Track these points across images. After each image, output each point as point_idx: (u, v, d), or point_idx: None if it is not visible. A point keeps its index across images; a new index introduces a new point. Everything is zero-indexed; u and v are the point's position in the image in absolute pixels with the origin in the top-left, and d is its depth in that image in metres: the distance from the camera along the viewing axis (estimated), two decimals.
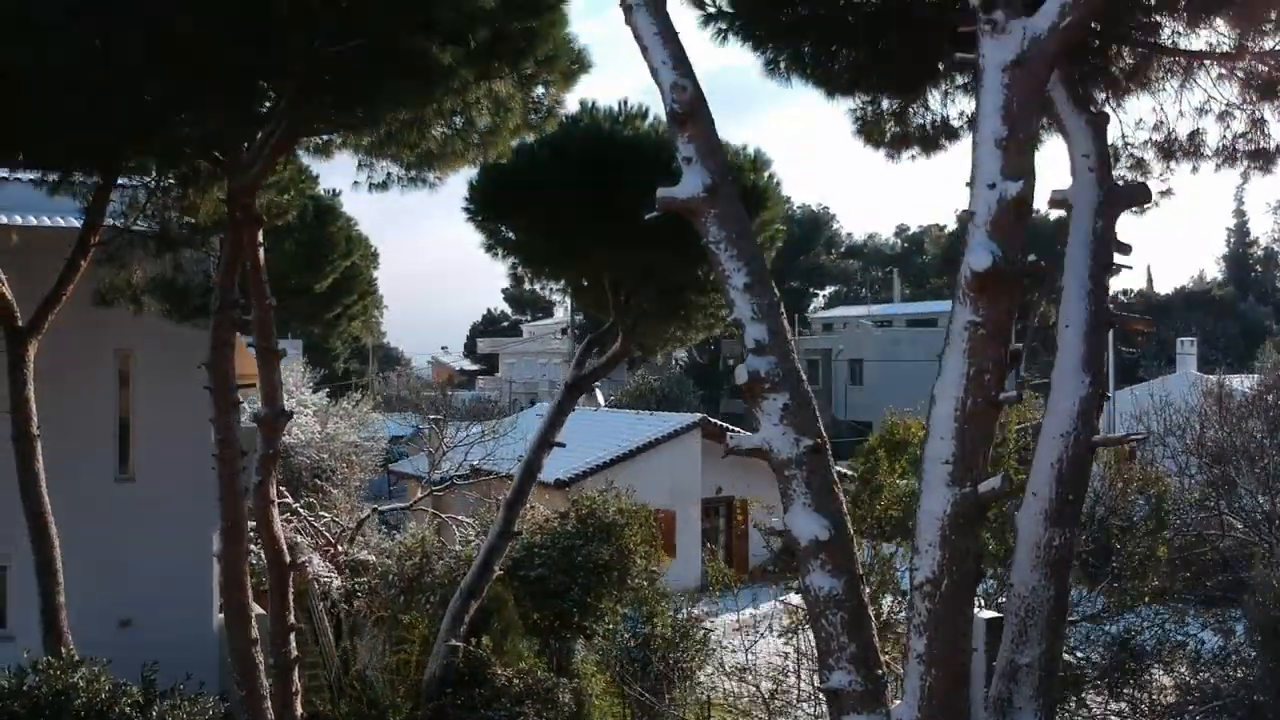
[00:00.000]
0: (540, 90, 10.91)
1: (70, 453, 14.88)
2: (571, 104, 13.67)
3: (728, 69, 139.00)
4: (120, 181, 13.00)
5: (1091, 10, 5.32)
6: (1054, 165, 15.14)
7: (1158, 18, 8.67)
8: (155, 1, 8.34)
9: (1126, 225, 8.34)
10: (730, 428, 31.15)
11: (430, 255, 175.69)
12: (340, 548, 21.95)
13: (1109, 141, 7.88)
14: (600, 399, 42.35)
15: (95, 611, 14.88)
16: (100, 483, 15.89)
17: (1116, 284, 8.99)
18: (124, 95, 8.87)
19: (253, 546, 13.76)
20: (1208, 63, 8.22)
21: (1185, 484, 16.96)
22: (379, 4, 8.56)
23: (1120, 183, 7.41)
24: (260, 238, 10.26)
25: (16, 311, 13.17)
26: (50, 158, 11.40)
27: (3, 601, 15.43)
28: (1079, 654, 13.05)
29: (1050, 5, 5.29)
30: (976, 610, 6.77)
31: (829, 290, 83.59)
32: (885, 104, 10.26)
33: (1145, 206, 7.42)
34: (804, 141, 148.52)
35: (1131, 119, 9.41)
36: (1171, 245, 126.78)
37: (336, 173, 46.90)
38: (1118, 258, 7.07)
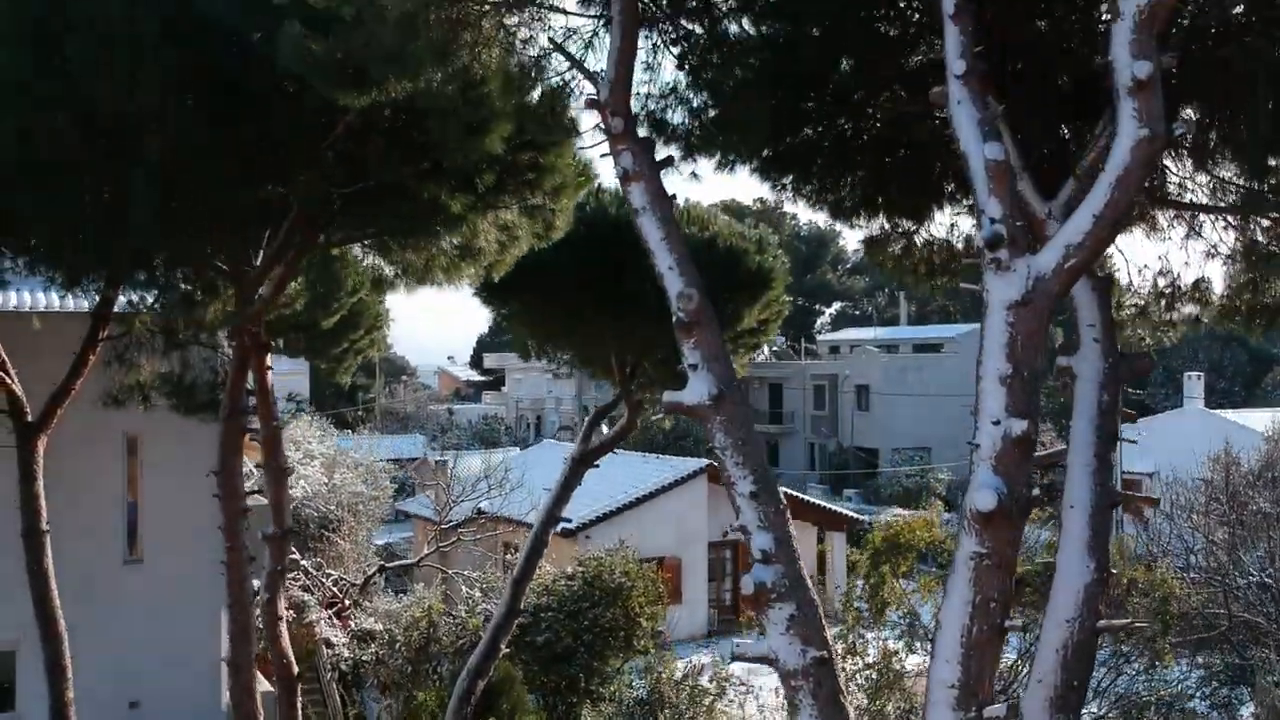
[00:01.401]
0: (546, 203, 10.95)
1: (79, 534, 14.97)
2: None
3: None
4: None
5: (1095, 251, 5.35)
6: None
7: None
8: (159, 145, 8.41)
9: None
10: None
11: None
12: (347, 602, 22.02)
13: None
14: (605, 429, 42.29)
15: (104, 693, 14.96)
16: (109, 565, 15.96)
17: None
18: (128, 236, 8.93)
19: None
20: (1212, 216, 8.25)
21: (1192, 560, 16.97)
22: (388, 151, 8.61)
23: (1125, 352, 7.44)
24: (269, 361, 10.30)
25: (26, 406, 13.23)
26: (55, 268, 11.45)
27: (11, 684, 15.49)
28: None
29: (1055, 246, 5.32)
30: None
31: (835, 307, 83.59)
32: (891, 225, 10.30)
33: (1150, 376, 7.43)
34: None
35: (1135, 246, 9.43)
36: None
37: None
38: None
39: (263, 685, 14.34)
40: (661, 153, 7.47)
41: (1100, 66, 5.99)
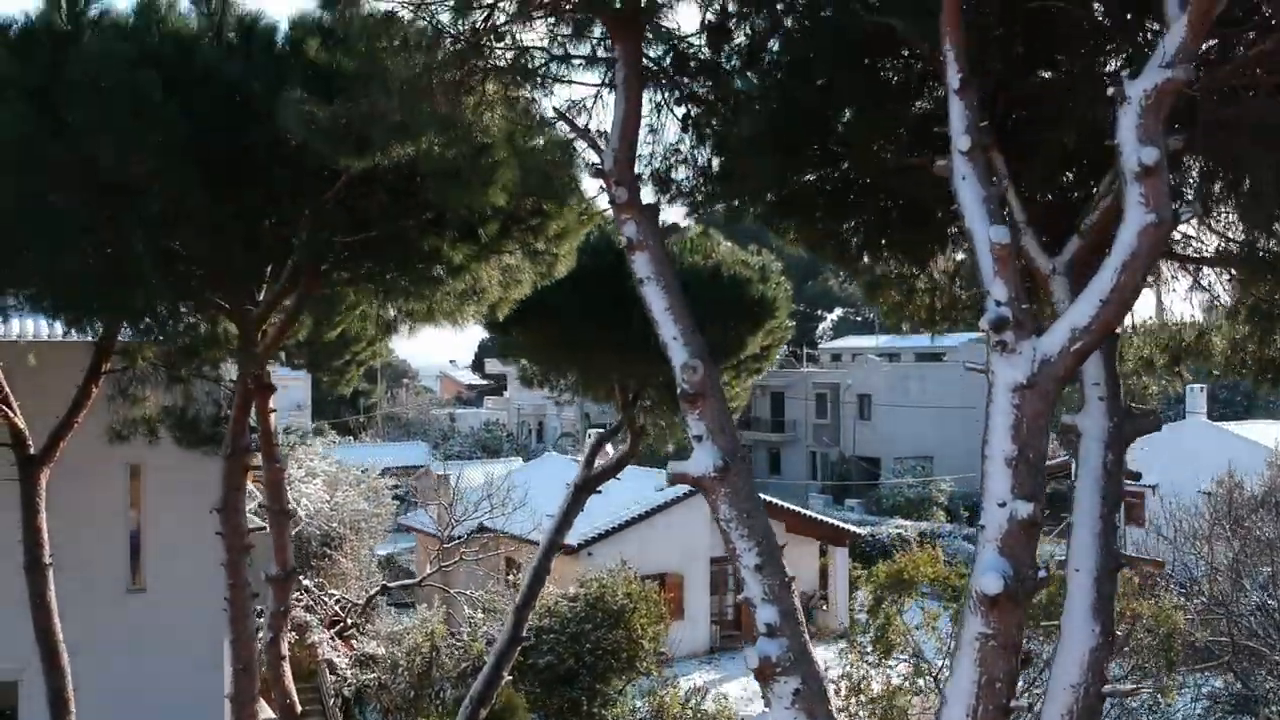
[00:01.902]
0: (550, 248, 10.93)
1: (81, 564, 14.94)
2: None
3: None
4: None
5: (1102, 334, 5.32)
6: None
7: None
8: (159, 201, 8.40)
9: None
10: None
11: None
12: (349, 621, 22.00)
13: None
14: (610, 450, 42.23)
15: None
16: (111, 593, 15.94)
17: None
18: (131, 287, 8.92)
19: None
20: (1216, 269, 8.23)
21: (1194, 588, 16.94)
22: (390, 203, 8.60)
23: (1130, 409, 7.41)
24: (271, 403, 10.29)
25: (29, 439, 13.22)
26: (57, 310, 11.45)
27: (14, 714, 15.48)
28: None
29: (1060, 329, 5.30)
30: None
31: (837, 313, 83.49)
32: (893, 269, 10.27)
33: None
34: None
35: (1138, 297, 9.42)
36: None
37: None
38: None
39: (265, 712, 14.34)
40: (666, 209, 7.47)
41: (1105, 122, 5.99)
